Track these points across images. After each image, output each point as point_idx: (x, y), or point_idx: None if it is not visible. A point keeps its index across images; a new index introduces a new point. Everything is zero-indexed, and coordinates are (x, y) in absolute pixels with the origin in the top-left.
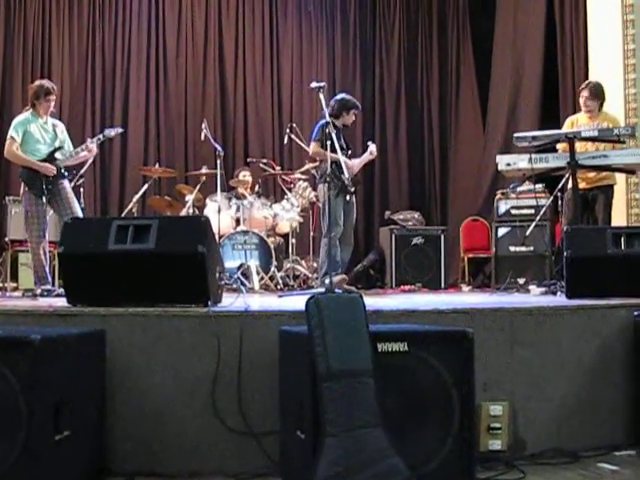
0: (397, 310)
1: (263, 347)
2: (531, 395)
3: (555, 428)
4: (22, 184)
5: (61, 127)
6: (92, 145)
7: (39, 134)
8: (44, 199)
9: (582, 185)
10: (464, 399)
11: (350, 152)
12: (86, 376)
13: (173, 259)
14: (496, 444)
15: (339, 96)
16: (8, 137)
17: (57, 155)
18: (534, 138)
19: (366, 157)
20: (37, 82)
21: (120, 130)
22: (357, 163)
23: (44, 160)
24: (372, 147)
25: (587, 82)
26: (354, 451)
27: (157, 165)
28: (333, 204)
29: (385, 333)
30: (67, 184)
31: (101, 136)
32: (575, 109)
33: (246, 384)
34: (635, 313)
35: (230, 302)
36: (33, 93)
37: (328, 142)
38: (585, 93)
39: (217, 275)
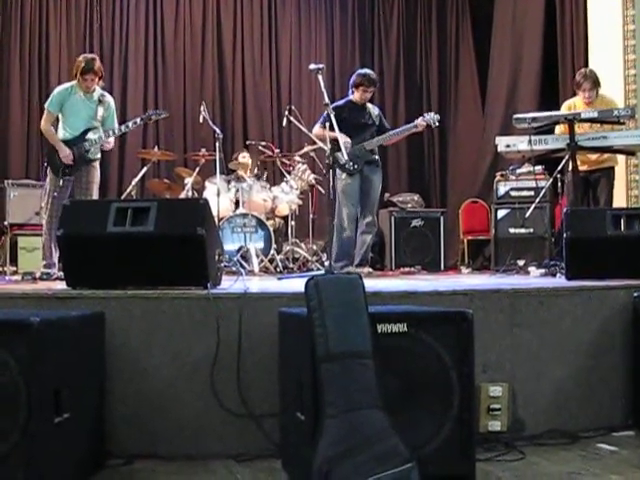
0: (396, 292)
1: (262, 329)
2: (530, 376)
3: (554, 409)
4: (45, 160)
5: (107, 103)
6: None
7: (77, 108)
8: (61, 181)
9: (583, 167)
10: (463, 380)
11: (371, 130)
12: (86, 358)
13: (172, 241)
14: (496, 425)
15: (357, 70)
16: (45, 107)
17: (89, 135)
18: (533, 119)
19: (407, 128)
20: (82, 56)
21: (165, 114)
22: (375, 140)
23: (75, 139)
24: (420, 120)
25: (583, 74)
26: (354, 432)
27: (156, 148)
28: (342, 185)
29: (385, 314)
30: (94, 170)
31: (138, 119)
32: (574, 92)
33: (246, 366)
34: (634, 294)
35: (230, 285)
36: (75, 67)
37: (327, 123)
38: (587, 85)
39: (216, 258)
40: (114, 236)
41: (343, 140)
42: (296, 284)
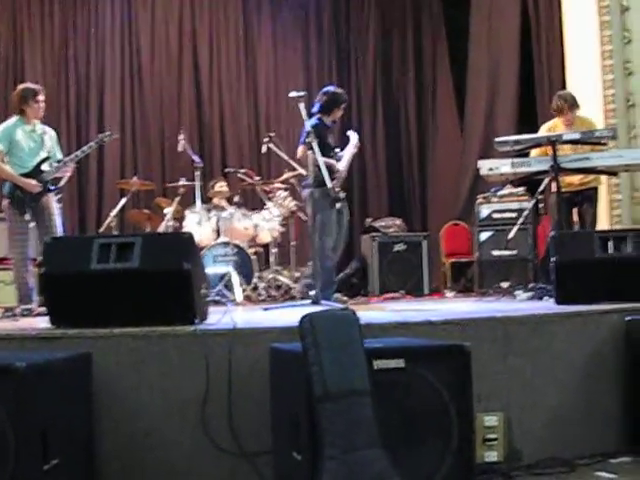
0: (388, 323)
1: (253, 364)
2: (526, 404)
3: (550, 437)
4: (5, 199)
5: (51, 134)
6: (71, 163)
7: (26, 142)
8: (27, 216)
9: (568, 189)
10: (462, 414)
11: (339, 151)
12: (73, 400)
13: (158, 277)
14: (492, 455)
15: (329, 88)
16: None
17: (44, 167)
18: (516, 142)
19: (351, 151)
20: (21, 85)
21: (115, 135)
22: (345, 163)
23: (30, 173)
24: (354, 138)
25: (563, 98)
26: (354, 473)
27: (135, 177)
28: (324, 213)
29: (381, 350)
30: (52, 199)
31: (93, 143)
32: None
33: (236, 403)
34: (626, 318)
35: (217, 319)
36: (19, 97)
37: (309, 151)
38: (568, 108)
39: (202, 292)
40: (98, 273)
41: (329, 166)
42: (284, 316)
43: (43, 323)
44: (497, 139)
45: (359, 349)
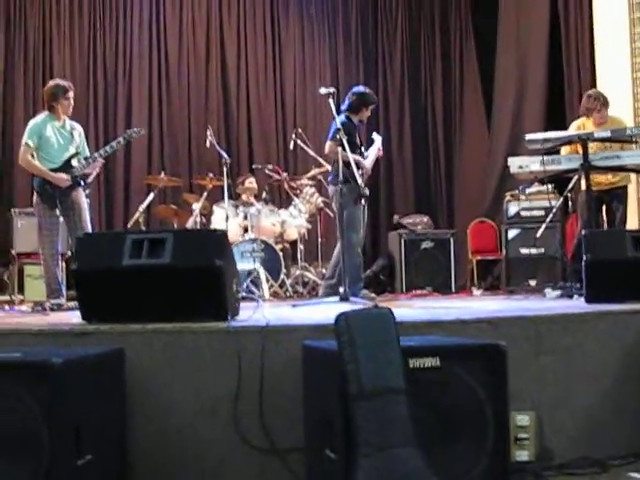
0: (420, 321)
1: (285, 362)
2: (557, 404)
3: (582, 436)
4: (35, 194)
5: (79, 130)
6: (100, 158)
7: (55, 138)
8: (57, 211)
9: (598, 187)
10: (498, 414)
11: (365, 151)
12: (106, 397)
13: (190, 273)
14: (523, 455)
15: (359, 89)
16: (23, 143)
17: (73, 162)
18: (546, 140)
19: (375, 152)
20: (51, 82)
21: (142, 132)
22: (369, 163)
23: (60, 168)
24: (378, 141)
25: (594, 97)
26: (389, 471)
27: (162, 174)
28: (351, 210)
29: (417, 348)
30: (82, 194)
31: (121, 139)
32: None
33: (268, 400)
34: None
35: (248, 315)
36: (50, 94)
37: (339, 147)
38: (599, 107)
39: (234, 288)
40: (130, 269)
41: (358, 163)
42: (314, 313)
43: (74, 318)
44: (527, 136)
45: (395, 347)
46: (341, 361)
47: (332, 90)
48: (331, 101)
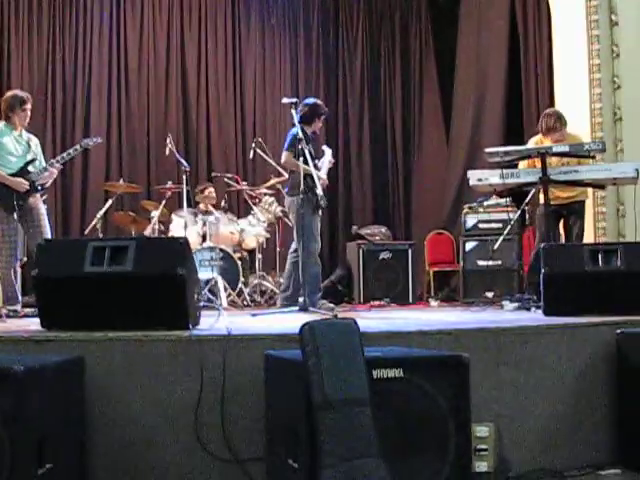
0: (381, 332)
1: (247, 371)
2: (516, 415)
3: (540, 448)
4: None
5: (35, 141)
6: (57, 164)
7: (12, 146)
8: (15, 216)
9: (556, 201)
10: (460, 426)
11: (318, 162)
12: (66, 405)
13: (152, 281)
14: (482, 466)
15: (310, 100)
16: None
17: (30, 168)
18: (505, 153)
19: (327, 165)
20: (9, 93)
21: (99, 140)
22: (323, 174)
23: (17, 174)
24: (328, 153)
25: (554, 116)
26: None
27: (121, 180)
28: (310, 219)
29: (381, 359)
30: (40, 200)
31: (78, 146)
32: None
33: (230, 409)
34: (617, 331)
35: (209, 324)
36: (7, 105)
37: (301, 158)
38: (559, 127)
39: (195, 297)
40: (91, 276)
41: (316, 174)
42: (275, 322)
43: (32, 325)
44: (487, 149)
45: (359, 358)
46: (306, 371)
47: (294, 100)
48: (294, 111)
